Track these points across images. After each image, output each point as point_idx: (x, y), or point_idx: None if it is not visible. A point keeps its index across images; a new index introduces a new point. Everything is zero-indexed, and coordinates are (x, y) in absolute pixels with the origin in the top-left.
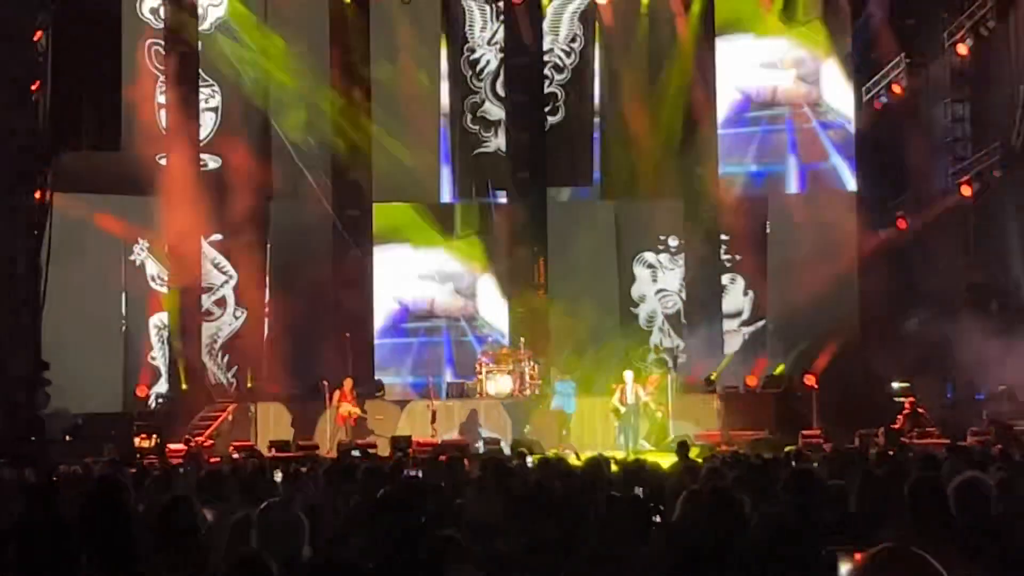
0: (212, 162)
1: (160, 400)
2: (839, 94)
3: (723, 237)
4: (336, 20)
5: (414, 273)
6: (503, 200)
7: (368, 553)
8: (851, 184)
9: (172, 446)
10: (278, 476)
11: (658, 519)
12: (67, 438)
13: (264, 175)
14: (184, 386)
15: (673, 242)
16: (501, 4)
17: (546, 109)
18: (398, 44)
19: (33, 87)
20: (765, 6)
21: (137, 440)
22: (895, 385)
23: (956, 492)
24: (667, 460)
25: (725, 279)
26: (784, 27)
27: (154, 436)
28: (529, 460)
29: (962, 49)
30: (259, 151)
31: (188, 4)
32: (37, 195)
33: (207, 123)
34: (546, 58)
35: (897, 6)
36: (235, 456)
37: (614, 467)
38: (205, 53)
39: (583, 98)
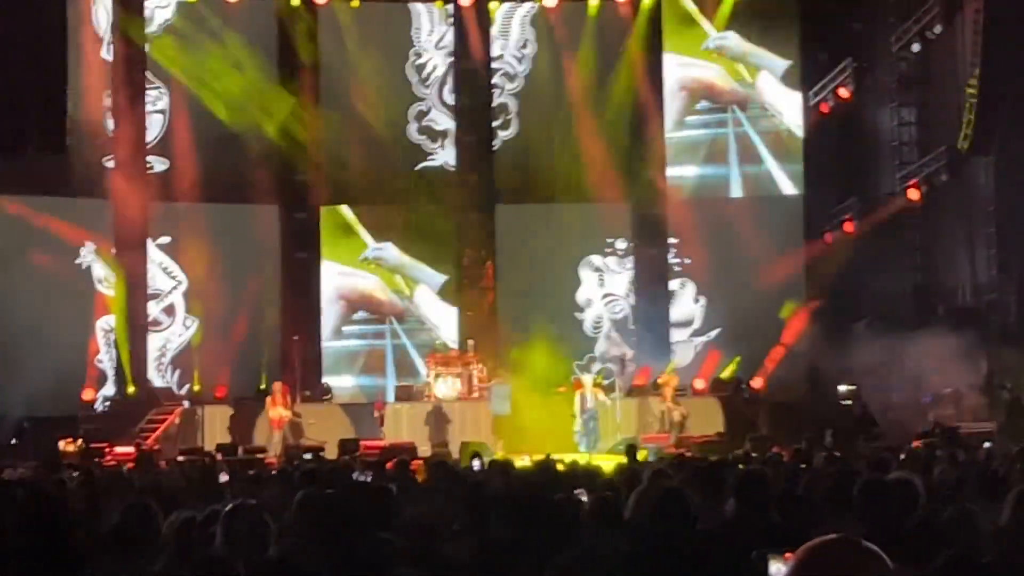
0: (159, 164)
1: (107, 403)
2: (785, 98)
3: (672, 240)
4: (284, 23)
5: (362, 276)
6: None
7: (309, 557)
8: (798, 188)
9: (120, 449)
10: (224, 478)
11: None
12: (13, 441)
13: (212, 177)
14: (131, 389)
15: (621, 245)
16: (450, 7)
17: (497, 123)
18: (348, 45)
19: None
20: (711, 11)
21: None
22: (842, 388)
23: (890, 492)
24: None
25: (675, 284)
26: (731, 31)
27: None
28: (477, 463)
29: (908, 54)
30: (207, 153)
31: (135, 6)
32: None
33: (154, 125)
34: (497, 65)
35: (844, 10)
36: (182, 459)
37: (560, 467)
38: (152, 55)
39: (533, 109)
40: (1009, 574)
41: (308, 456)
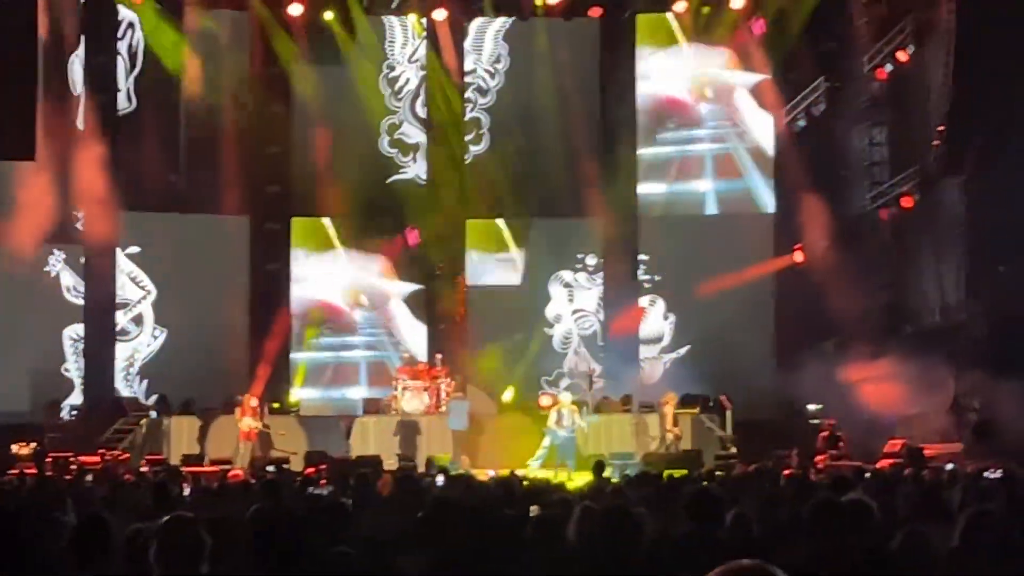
0: (130, 173)
1: (73, 412)
2: (758, 116)
3: (642, 257)
4: (259, 34)
5: (333, 288)
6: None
7: (263, 571)
8: (770, 206)
9: (85, 459)
10: (187, 490)
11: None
12: None
13: (182, 188)
14: (98, 398)
15: (591, 260)
16: (424, 21)
17: (469, 137)
18: (322, 59)
19: None
20: (685, 27)
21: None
22: (810, 407)
23: (843, 512)
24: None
25: (644, 301)
26: (704, 48)
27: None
28: (441, 477)
29: (880, 74)
30: (176, 162)
31: (106, 16)
32: None
33: (126, 134)
34: (469, 79)
35: (817, 30)
36: (144, 470)
37: (525, 484)
38: (125, 65)
39: (505, 124)
40: None
41: (272, 468)
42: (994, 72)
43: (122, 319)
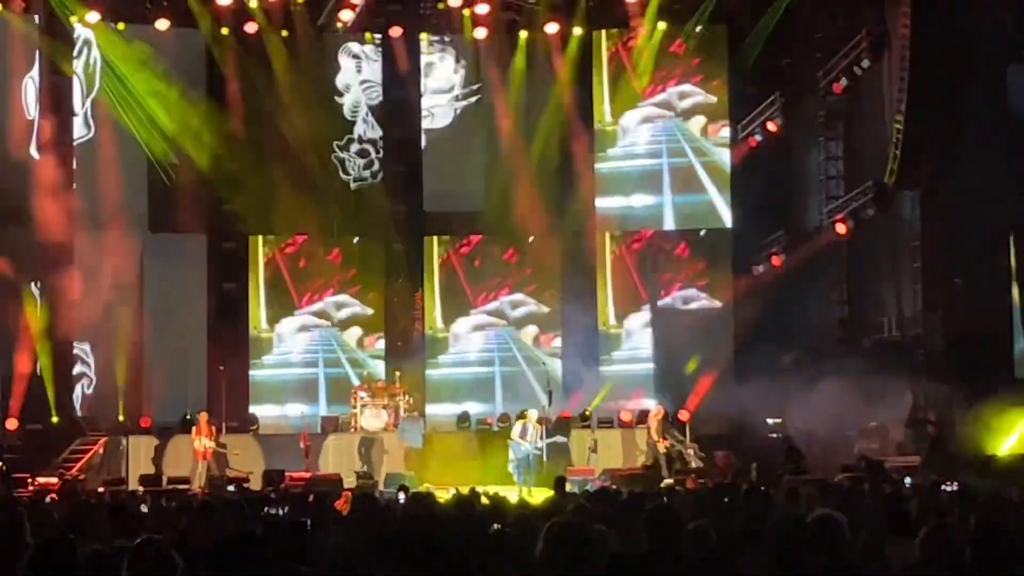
0: (85, 194)
1: (29, 431)
2: (714, 131)
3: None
4: (213, 53)
5: (290, 306)
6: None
7: None
8: (727, 220)
9: (43, 479)
10: (145, 510)
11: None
12: None
13: (139, 207)
14: (54, 419)
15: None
16: (379, 38)
17: (425, 154)
18: (277, 76)
19: None
20: (644, 41)
21: None
22: (769, 421)
23: (811, 529)
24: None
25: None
26: (661, 62)
27: None
28: (402, 496)
29: (836, 88)
30: (133, 181)
31: (62, 34)
32: None
33: (81, 154)
34: (425, 97)
35: (772, 45)
36: (102, 490)
37: (484, 500)
38: (81, 86)
39: (462, 141)
40: None
41: (231, 488)
42: (949, 86)
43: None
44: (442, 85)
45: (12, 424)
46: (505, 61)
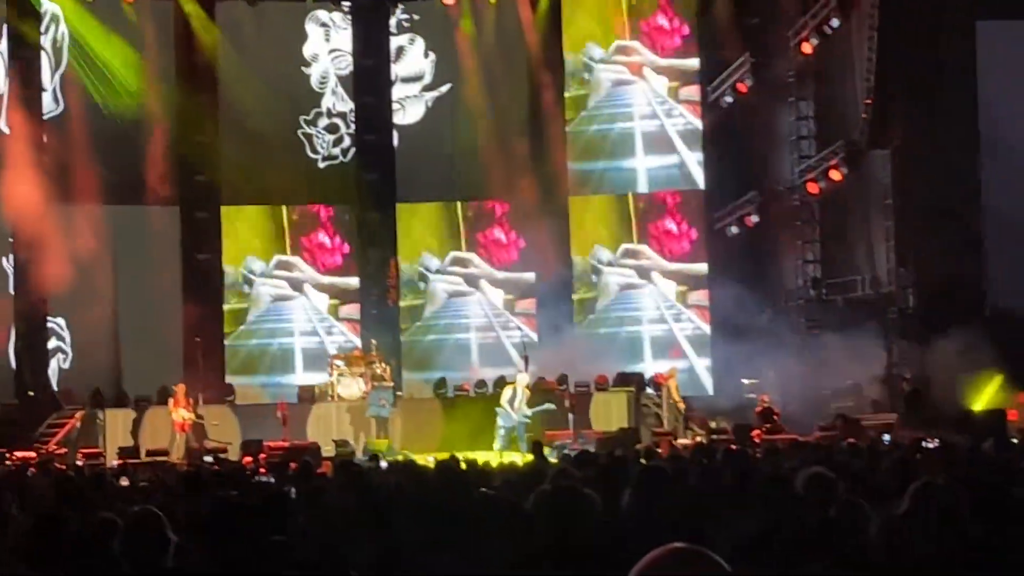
0: (57, 166)
1: (5, 406)
2: (686, 93)
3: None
4: (181, 23)
5: (265, 276)
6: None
7: (208, 562)
8: (700, 182)
9: (20, 453)
10: (125, 483)
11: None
12: None
13: (110, 179)
14: (31, 393)
15: (523, 243)
16: (348, 5)
17: (396, 122)
18: (246, 47)
19: None
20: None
21: None
22: (745, 381)
23: (803, 487)
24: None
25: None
26: (632, 24)
27: None
28: (383, 463)
29: (806, 48)
30: (104, 154)
31: (30, 11)
32: None
33: (51, 127)
34: (396, 64)
35: (741, 5)
36: (80, 463)
37: (463, 466)
38: (50, 61)
39: (434, 107)
40: (899, 569)
41: (210, 459)
42: (918, 44)
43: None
44: (413, 51)
45: None
46: (475, 25)
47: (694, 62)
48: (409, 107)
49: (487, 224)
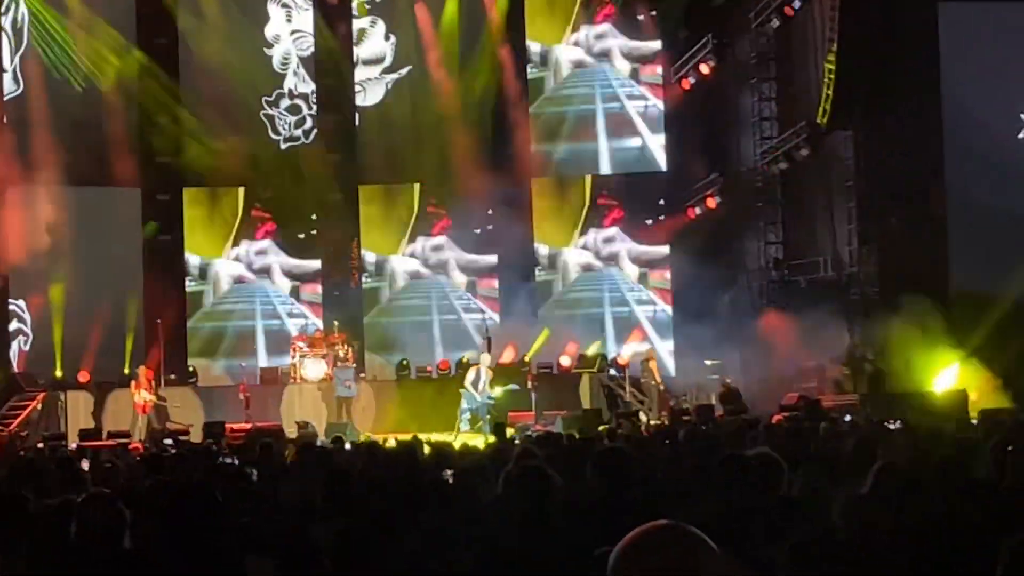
0: (17, 147)
1: None
2: (648, 75)
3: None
4: (144, 4)
5: (227, 257)
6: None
7: (170, 544)
8: (662, 164)
9: None
10: (86, 465)
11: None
12: None
13: (71, 162)
14: None
15: (486, 225)
16: None
17: (359, 103)
18: (208, 28)
19: None
20: None
21: None
22: (707, 362)
23: (750, 467)
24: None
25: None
26: (594, 6)
27: None
28: (347, 445)
29: (768, 29)
30: (65, 136)
31: None
32: None
33: (10, 107)
34: (359, 45)
35: None
36: (41, 446)
37: (427, 449)
38: (10, 42)
39: (397, 88)
40: (862, 548)
41: (169, 441)
42: (879, 25)
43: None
44: (376, 32)
45: None
46: (438, 5)
47: (656, 44)
48: (370, 89)
49: (448, 207)
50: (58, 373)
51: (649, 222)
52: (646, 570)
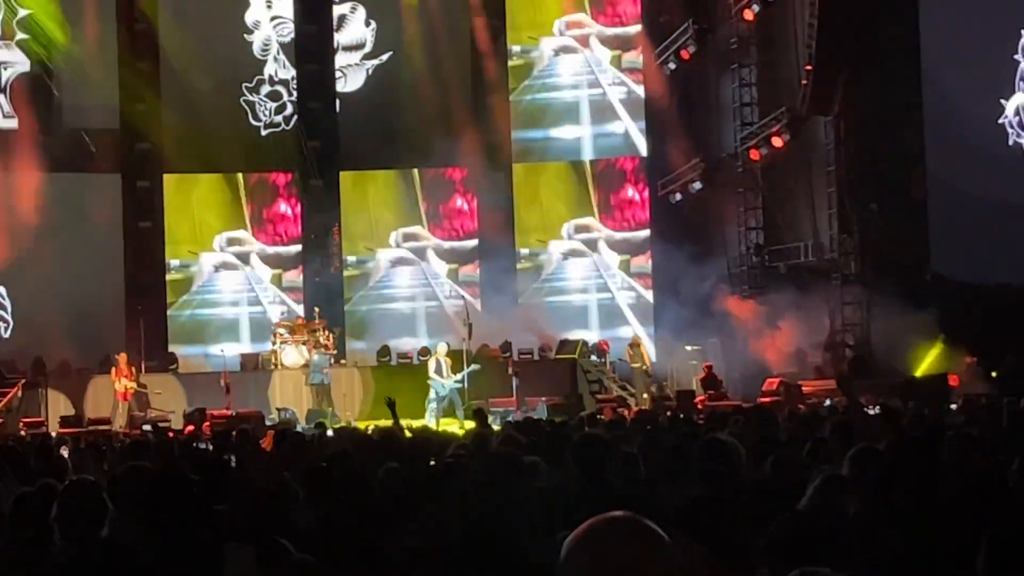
0: None
1: None
2: (629, 61)
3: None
4: None
5: (209, 244)
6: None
7: (149, 532)
8: (644, 150)
9: None
10: (66, 452)
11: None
12: None
13: (51, 148)
14: None
15: (467, 212)
16: None
17: (340, 89)
18: (187, 13)
19: None
20: None
21: None
22: (688, 348)
23: (699, 453)
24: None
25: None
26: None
27: None
28: (328, 431)
29: (748, 15)
30: (44, 122)
31: None
32: None
33: None
34: (340, 31)
35: None
36: (23, 433)
37: (408, 435)
38: None
39: (377, 74)
40: (838, 532)
41: (148, 427)
42: (859, 11)
43: None
44: (357, 18)
45: None
46: None
47: (637, 29)
48: (350, 75)
49: (429, 193)
50: (38, 360)
51: (630, 208)
52: (596, 561)
